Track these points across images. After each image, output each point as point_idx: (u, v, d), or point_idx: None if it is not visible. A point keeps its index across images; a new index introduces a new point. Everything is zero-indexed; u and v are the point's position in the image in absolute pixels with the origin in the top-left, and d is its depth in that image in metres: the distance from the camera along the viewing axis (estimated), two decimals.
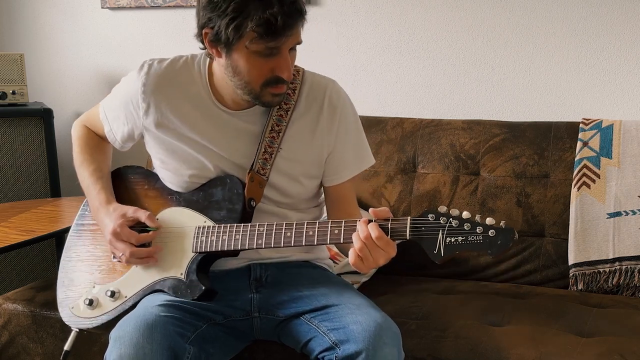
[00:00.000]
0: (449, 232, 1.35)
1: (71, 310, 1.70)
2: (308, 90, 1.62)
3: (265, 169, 1.59)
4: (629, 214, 2.05)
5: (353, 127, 1.66)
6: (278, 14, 1.38)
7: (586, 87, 2.37)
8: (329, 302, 1.54)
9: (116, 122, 1.70)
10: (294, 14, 1.41)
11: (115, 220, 1.60)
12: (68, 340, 1.74)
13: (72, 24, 3.00)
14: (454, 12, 2.48)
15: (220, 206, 1.58)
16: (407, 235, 1.38)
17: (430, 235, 1.36)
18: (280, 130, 1.59)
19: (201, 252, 1.56)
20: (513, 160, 2.19)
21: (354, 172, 1.67)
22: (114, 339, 1.44)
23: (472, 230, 1.34)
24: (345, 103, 1.65)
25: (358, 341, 1.41)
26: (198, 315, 1.54)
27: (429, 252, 1.37)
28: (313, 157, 1.63)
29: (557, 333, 1.72)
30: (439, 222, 1.36)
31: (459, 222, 1.35)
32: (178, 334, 1.46)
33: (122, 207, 1.63)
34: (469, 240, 1.34)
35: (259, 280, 1.63)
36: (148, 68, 1.62)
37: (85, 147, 1.77)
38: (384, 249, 1.39)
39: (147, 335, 1.41)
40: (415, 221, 1.38)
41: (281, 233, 1.48)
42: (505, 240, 1.33)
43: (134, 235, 1.58)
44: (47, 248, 2.80)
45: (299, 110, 1.61)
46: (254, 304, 1.61)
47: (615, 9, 2.31)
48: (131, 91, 1.64)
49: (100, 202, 1.67)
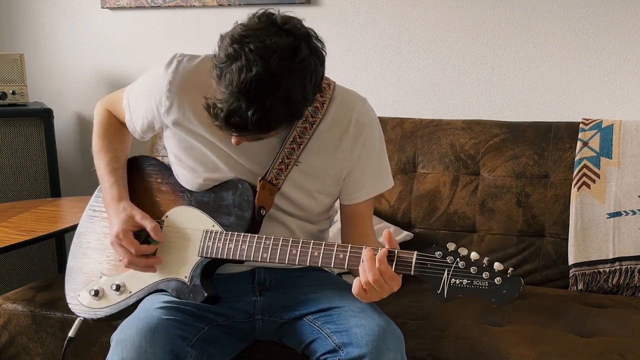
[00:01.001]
0: (455, 273, 1.32)
1: (77, 298, 1.69)
2: (337, 106, 1.57)
3: (278, 179, 1.55)
4: (629, 214, 2.05)
5: (377, 149, 1.62)
6: (220, 115, 1.35)
7: (586, 87, 2.37)
8: (332, 304, 1.53)
9: (137, 112, 1.66)
10: (234, 127, 1.36)
11: (121, 224, 1.57)
12: (72, 327, 1.75)
13: (72, 24, 3.00)
14: (454, 12, 2.48)
15: (230, 211, 1.56)
16: (411, 271, 1.35)
17: (434, 274, 1.33)
18: (301, 143, 1.55)
19: (206, 257, 1.55)
20: (513, 160, 2.19)
21: (370, 193, 1.64)
22: (116, 342, 1.44)
23: (478, 274, 1.30)
24: (372, 124, 1.60)
25: (361, 345, 1.41)
26: (200, 317, 1.54)
27: (432, 290, 1.33)
28: (331, 174, 1.60)
29: (557, 333, 1.72)
30: (445, 261, 1.32)
31: (465, 263, 1.31)
32: (180, 337, 1.46)
33: (132, 208, 1.60)
34: (474, 285, 1.30)
35: (263, 284, 1.63)
36: (177, 65, 1.57)
37: (105, 134, 1.73)
38: (388, 282, 1.37)
39: (149, 338, 1.41)
40: (421, 257, 1.35)
41: (287, 250, 1.46)
42: (511, 290, 1.29)
43: (134, 245, 1.56)
44: (47, 248, 2.79)
45: (324, 125, 1.56)
46: (257, 307, 1.61)
47: (615, 9, 2.31)
48: (157, 86, 1.59)
49: (112, 196, 1.63)
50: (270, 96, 1.32)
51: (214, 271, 1.58)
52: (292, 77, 1.33)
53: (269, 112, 1.33)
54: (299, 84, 1.34)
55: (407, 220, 2.27)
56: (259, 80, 1.30)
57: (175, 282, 1.57)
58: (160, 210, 1.65)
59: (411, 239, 2.22)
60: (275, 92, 1.32)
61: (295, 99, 1.34)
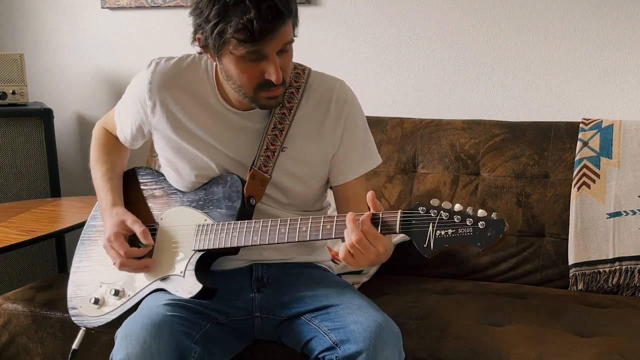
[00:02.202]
0: (440, 225, 1.30)
1: (79, 309, 1.72)
2: (315, 89, 1.61)
3: (267, 166, 1.58)
4: (629, 214, 2.05)
5: (360, 127, 1.65)
6: (254, 18, 1.36)
7: (586, 87, 2.37)
8: (329, 302, 1.54)
9: (126, 120, 1.72)
10: (273, 18, 1.38)
11: (112, 228, 1.61)
12: (76, 339, 1.76)
13: (72, 24, 3.00)
14: (454, 12, 2.48)
15: (220, 204, 1.58)
16: (397, 228, 1.34)
17: (420, 229, 1.31)
18: (283, 129, 1.58)
19: (200, 250, 1.56)
20: (513, 160, 2.19)
21: (359, 172, 1.66)
22: (121, 338, 1.44)
23: (462, 222, 1.29)
24: (353, 103, 1.64)
25: (358, 341, 1.41)
26: (202, 315, 1.55)
27: (419, 247, 1.32)
28: (318, 157, 1.63)
29: (557, 333, 1.72)
30: (430, 215, 1.31)
31: (449, 214, 1.30)
32: (184, 334, 1.47)
33: (124, 213, 1.64)
34: (459, 233, 1.29)
35: (260, 281, 1.64)
36: (155, 66, 1.63)
37: (101, 148, 1.79)
38: (373, 243, 1.36)
39: (154, 334, 1.41)
40: (405, 214, 1.34)
41: (276, 229, 1.47)
42: (495, 232, 1.27)
43: (124, 247, 1.59)
44: (47, 248, 2.80)
45: (304, 110, 1.61)
46: (255, 304, 1.61)
47: (615, 8, 2.31)
48: (139, 89, 1.65)
49: (106, 203, 1.68)
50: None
51: (209, 265, 1.59)
52: None
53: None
54: None
55: None
56: None
57: (171, 278, 1.58)
58: (155, 215, 1.69)
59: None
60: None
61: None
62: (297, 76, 1.61)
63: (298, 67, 1.63)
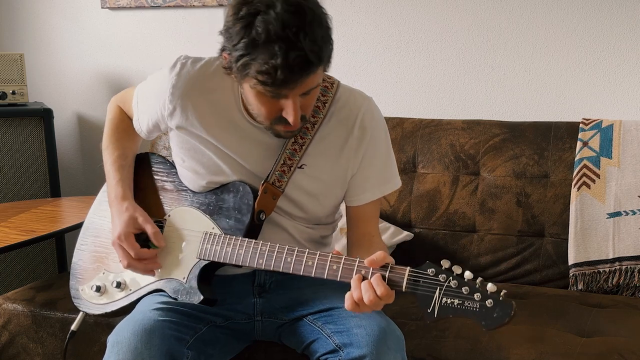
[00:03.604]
0: (447, 292, 1.26)
1: (81, 292, 1.70)
2: (341, 106, 1.55)
3: (281, 181, 1.54)
4: (629, 214, 2.05)
5: (382, 149, 1.60)
6: (279, 67, 1.28)
7: (586, 87, 2.37)
8: (333, 304, 1.53)
9: (143, 113, 1.66)
10: (300, 69, 1.30)
11: (123, 226, 1.57)
12: (75, 321, 1.75)
13: (72, 24, 3.00)
14: (454, 12, 2.48)
15: (230, 214, 1.55)
16: (403, 287, 1.30)
17: (426, 292, 1.28)
18: (303, 144, 1.54)
19: (204, 259, 1.54)
20: (513, 160, 2.19)
21: (375, 195, 1.61)
22: (112, 344, 1.43)
23: (470, 295, 1.24)
24: (378, 125, 1.58)
25: (362, 345, 1.40)
26: (197, 318, 1.54)
27: (422, 309, 1.28)
28: (336, 177, 1.58)
29: (557, 333, 1.72)
30: (438, 280, 1.27)
31: (458, 282, 1.26)
32: (176, 339, 1.45)
33: (134, 210, 1.59)
34: (465, 306, 1.24)
35: (263, 286, 1.62)
36: (180, 68, 1.56)
37: (115, 130, 1.72)
38: (385, 301, 1.33)
39: (145, 340, 1.40)
40: (413, 273, 1.30)
41: (282, 258, 1.44)
42: (502, 314, 1.22)
43: (134, 248, 1.56)
44: (47, 248, 2.80)
45: (327, 126, 1.54)
46: (257, 308, 1.61)
47: (615, 9, 2.31)
48: (160, 89, 1.58)
49: (116, 194, 1.63)
50: (306, 18, 1.30)
51: (212, 273, 1.57)
52: (308, 2, 1.33)
53: (313, 32, 1.30)
54: (318, 6, 1.35)
55: (407, 220, 2.27)
56: (287, 12, 1.29)
57: (173, 282, 1.57)
58: (163, 209, 1.65)
59: (411, 239, 2.22)
60: (305, 14, 1.30)
61: (323, 20, 1.34)
62: (324, 90, 1.54)
63: (327, 80, 1.55)
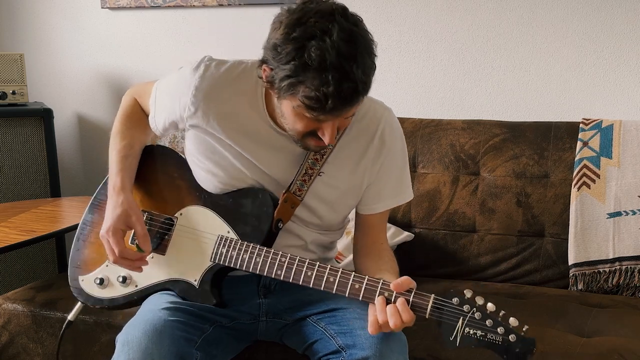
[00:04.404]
0: (469, 323, 1.30)
1: (81, 282, 1.65)
2: (362, 116, 1.55)
3: (302, 190, 1.54)
4: (629, 214, 2.05)
5: (399, 161, 1.61)
6: (330, 96, 1.28)
7: (586, 87, 2.37)
8: (337, 305, 1.52)
9: (161, 111, 1.63)
10: (350, 99, 1.31)
11: (113, 221, 1.53)
12: (72, 311, 1.73)
13: (72, 24, 3.00)
14: (454, 12, 2.48)
15: (247, 220, 1.53)
16: (426, 314, 1.34)
17: (449, 321, 1.31)
18: (324, 153, 1.53)
19: (218, 264, 1.52)
20: (513, 160, 2.19)
21: (389, 205, 1.63)
22: (122, 344, 1.42)
23: (493, 328, 1.28)
24: (397, 137, 1.59)
25: (365, 347, 1.40)
26: (204, 318, 1.53)
27: (444, 336, 1.31)
28: (353, 185, 1.58)
29: (557, 333, 1.72)
30: (462, 310, 1.31)
31: (482, 314, 1.29)
32: (185, 339, 1.44)
33: (129, 205, 1.55)
34: (488, 338, 1.28)
35: (268, 287, 1.62)
36: (204, 70, 1.53)
37: (126, 120, 1.69)
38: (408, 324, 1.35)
39: (155, 340, 1.39)
40: (437, 301, 1.33)
41: (302, 271, 1.44)
42: (523, 350, 1.26)
43: (119, 246, 1.52)
44: (47, 248, 2.80)
45: (348, 136, 1.54)
46: (262, 309, 1.60)
47: (615, 8, 2.31)
48: (183, 89, 1.55)
49: (114, 186, 1.58)
50: (358, 48, 1.32)
51: (224, 277, 1.56)
52: (358, 27, 1.35)
53: (364, 62, 1.33)
54: (365, 31, 1.37)
55: (407, 220, 2.27)
56: (342, 40, 1.30)
57: (183, 283, 1.55)
58: (174, 206, 1.62)
59: (412, 240, 2.22)
60: (359, 43, 1.33)
61: (371, 46, 1.37)
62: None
63: None
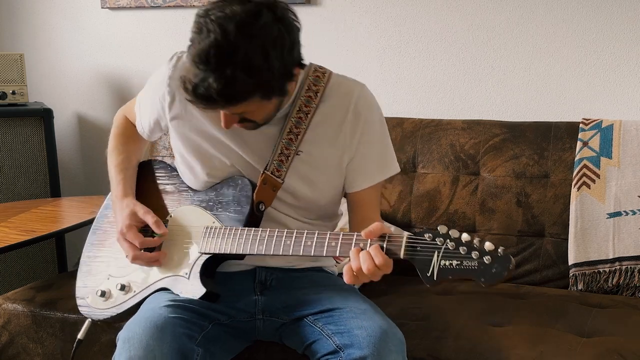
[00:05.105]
0: (445, 255, 1.27)
1: (87, 299, 1.70)
2: (334, 93, 1.58)
3: (280, 171, 1.56)
4: (629, 214, 2.05)
5: (378, 133, 1.62)
6: (190, 92, 1.36)
7: (586, 87, 2.37)
8: (333, 305, 1.53)
9: (145, 112, 1.70)
10: (208, 103, 1.36)
11: (124, 220, 1.60)
12: (82, 330, 1.75)
13: (72, 24, 3.00)
14: (454, 12, 2.48)
15: (229, 207, 1.57)
16: (401, 254, 1.32)
17: (424, 256, 1.29)
18: (299, 133, 1.55)
19: (206, 253, 1.55)
20: (513, 160, 2.19)
21: (374, 180, 1.63)
22: (123, 341, 1.43)
23: (468, 254, 1.26)
24: (372, 109, 1.60)
25: (362, 347, 1.40)
26: (204, 316, 1.54)
27: (422, 275, 1.29)
28: (334, 162, 1.59)
29: (557, 333, 1.72)
30: (435, 243, 1.29)
31: (455, 244, 1.27)
32: (186, 336, 1.46)
33: (135, 205, 1.62)
34: (464, 266, 1.26)
35: (264, 284, 1.63)
36: (176, 60, 1.59)
37: (119, 136, 1.77)
38: (383, 270, 1.35)
39: (157, 337, 1.41)
40: (411, 240, 1.32)
41: (281, 241, 1.46)
42: (500, 268, 1.23)
43: (138, 238, 1.58)
44: (47, 248, 2.80)
45: (321, 114, 1.56)
46: (258, 306, 1.61)
47: (615, 8, 2.31)
48: (159, 82, 1.62)
49: (117, 194, 1.67)
50: (230, 63, 1.31)
51: (215, 268, 1.58)
52: (251, 43, 1.31)
53: (231, 80, 1.32)
54: (260, 50, 1.32)
55: (407, 220, 2.27)
56: (217, 47, 1.31)
57: (176, 278, 1.58)
58: (165, 211, 1.67)
59: None
60: (234, 58, 1.31)
61: (256, 65, 1.33)
62: (316, 80, 1.57)
63: (318, 70, 1.59)
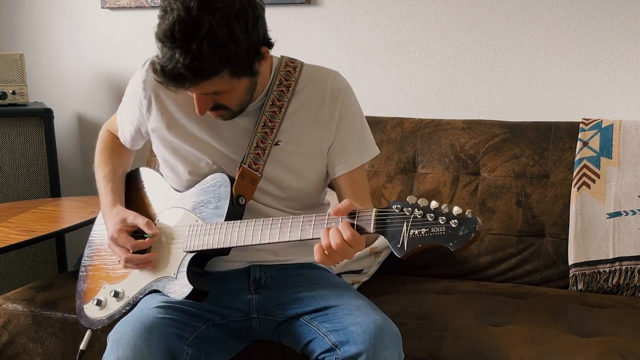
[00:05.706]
0: (413, 224, 1.23)
1: (85, 310, 1.73)
2: (308, 83, 1.60)
3: (257, 164, 1.57)
4: (629, 214, 2.05)
5: (356, 117, 1.63)
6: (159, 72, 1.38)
7: (586, 87, 2.37)
8: (328, 303, 1.53)
9: (126, 122, 1.74)
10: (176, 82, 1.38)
11: (115, 226, 1.63)
12: (83, 340, 1.77)
13: (72, 24, 3.00)
14: (453, 12, 2.48)
15: (210, 204, 1.59)
16: (371, 229, 1.29)
17: (394, 228, 1.25)
18: (273, 127, 1.57)
19: (191, 251, 1.56)
20: (513, 160, 2.19)
21: (356, 163, 1.63)
22: (112, 342, 1.45)
23: (435, 220, 1.21)
24: (348, 93, 1.62)
25: (358, 343, 1.40)
26: (196, 316, 1.55)
27: (393, 247, 1.25)
28: (314, 148, 1.61)
29: (557, 333, 1.72)
30: (404, 214, 1.24)
31: (423, 212, 1.22)
32: (176, 336, 1.47)
33: (124, 211, 1.66)
34: (432, 232, 1.21)
35: (258, 282, 1.63)
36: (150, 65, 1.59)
37: (104, 150, 1.82)
38: (354, 246, 1.32)
39: (144, 337, 1.42)
40: (380, 213, 1.28)
41: (259, 229, 1.46)
42: (468, 230, 1.18)
43: (129, 241, 1.61)
44: (47, 248, 2.80)
45: (296, 105, 1.58)
46: (252, 305, 1.61)
47: (615, 8, 2.31)
48: (135, 89, 1.66)
49: (106, 204, 1.71)
50: (195, 38, 1.33)
51: (202, 266, 1.59)
52: (214, 17, 1.34)
53: (198, 54, 1.34)
54: (223, 22, 1.35)
55: None
56: (180, 22, 1.33)
57: (164, 280, 1.59)
58: (152, 215, 1.70)
59: None
60: (198, 32, 1.33)
61: (221, 38, 1.35)
62: (287, 74, 1.59)
63: (289, 65, 1.61)
